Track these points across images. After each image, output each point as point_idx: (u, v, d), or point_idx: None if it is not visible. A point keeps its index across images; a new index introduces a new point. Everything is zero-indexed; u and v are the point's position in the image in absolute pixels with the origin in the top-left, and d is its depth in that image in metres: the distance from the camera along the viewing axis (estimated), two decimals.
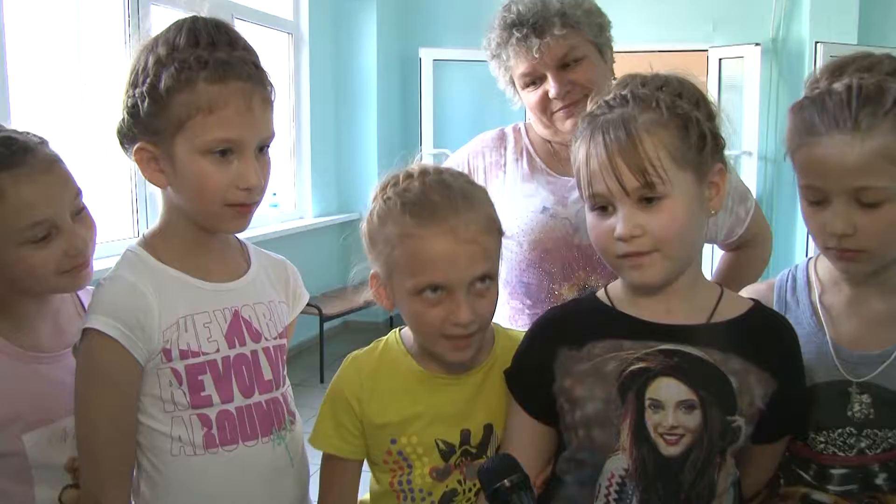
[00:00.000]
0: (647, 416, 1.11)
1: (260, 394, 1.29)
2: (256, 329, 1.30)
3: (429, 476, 1.27)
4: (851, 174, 1.09)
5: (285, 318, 1.38)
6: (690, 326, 1.15)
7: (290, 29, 5.60)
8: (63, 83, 3.70)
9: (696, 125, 1.12)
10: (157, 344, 1.20)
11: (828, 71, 1.16)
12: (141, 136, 1.20)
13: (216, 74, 1.15)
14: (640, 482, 1.11)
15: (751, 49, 5.67)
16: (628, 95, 1.13)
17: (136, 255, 1.25)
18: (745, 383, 1.12)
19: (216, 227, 1.26)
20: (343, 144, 6.15)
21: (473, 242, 1.17)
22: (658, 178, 1.08)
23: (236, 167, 1.18)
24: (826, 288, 1.27)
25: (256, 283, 1.33)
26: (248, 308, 1.30)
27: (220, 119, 1.16)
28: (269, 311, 1.33)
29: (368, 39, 6.03)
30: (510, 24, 1.61)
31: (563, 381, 1.17)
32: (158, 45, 1.19)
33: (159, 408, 1.23)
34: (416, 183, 1.21)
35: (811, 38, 5.48)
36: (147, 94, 1.17)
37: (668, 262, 1.12)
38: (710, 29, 5.85)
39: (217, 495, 1.25)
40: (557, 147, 1.72)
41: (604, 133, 1.11)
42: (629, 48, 5.47)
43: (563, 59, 1.60)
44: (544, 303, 1.65)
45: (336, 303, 5.29)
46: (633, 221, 1.10)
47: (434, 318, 1.18)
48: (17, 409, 1.30)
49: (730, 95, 5.81)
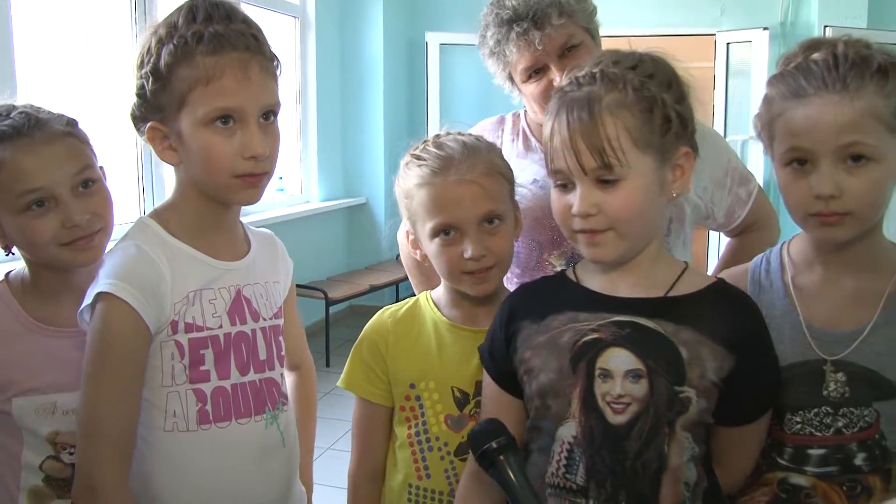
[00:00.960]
0: (597, 385, 1.14)
1: (255, 372, 1.31)
2: (255, 308, 1.32)
3: (444, 423, 1.35)
4: (841, 131, 1.11)
5: (280, 298, 1.40)
6: (646, 299, 1.17)
7: (296, 13, 5.59)
8: (71, 67, 3.71)
9: (662, 108, 1.14)
10: (167, 315, 1.22)
11: (803, 46, 1.19)
12: (150, 116, 1.22)
13: (211, 46, 1.17)
14: (587, 449, 1.14)
15: (759, 33, 5.64)
16: (597, 74, 1.15)
17: (148, 226, 1.27)
18: (696, 355, 1.13)
19: (227, 199, 1.27)
20: (349, 129, 6.15)
21: (475, 184, 1.31)
22: (616, 160, 1.11)
23: (240, 136, 1.20)
24: (799, 269, 1.27)
25: (256, 264, 1.36)
26: (248, 287, 1.32)
27: (217, 88, 1.17)
28: (266, 292, 1.36)
29: (375, 24, 6.02)
30: (508, 20, 1.63)
31: (523, 353, 1.21)
32: (160, 26, 1.22)
33: (157, 381, 1.23)
34: (430, 143, 1.37)
35: (820, 22, 5.44)
36: (151, 74, 1.19)
37: (621, 241, 1.15)
38: (717, 13, 5.82)
39: (206, 471, 1.27)
40: None
41: (568, 112, 1.14)
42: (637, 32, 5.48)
43: (563, 47, 1.64)
44: (533, 271, 1.70)
45: (342, 287, 5.32)
46: (589, 200, 1.13)
47: (452, 255, 1.32)
48: (10, 375, 1.34)
49: (737, 80, 5.78)
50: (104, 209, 1.39)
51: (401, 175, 1.39)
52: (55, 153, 1.34)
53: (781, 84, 1.17)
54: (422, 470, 1.36)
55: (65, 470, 1.38)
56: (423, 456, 1.36)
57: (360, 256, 6.03)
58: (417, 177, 1.34)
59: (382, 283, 5.52)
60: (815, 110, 1.12)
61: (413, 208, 1.35)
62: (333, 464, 3.31)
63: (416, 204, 1.34)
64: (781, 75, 1.18)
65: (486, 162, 1.34)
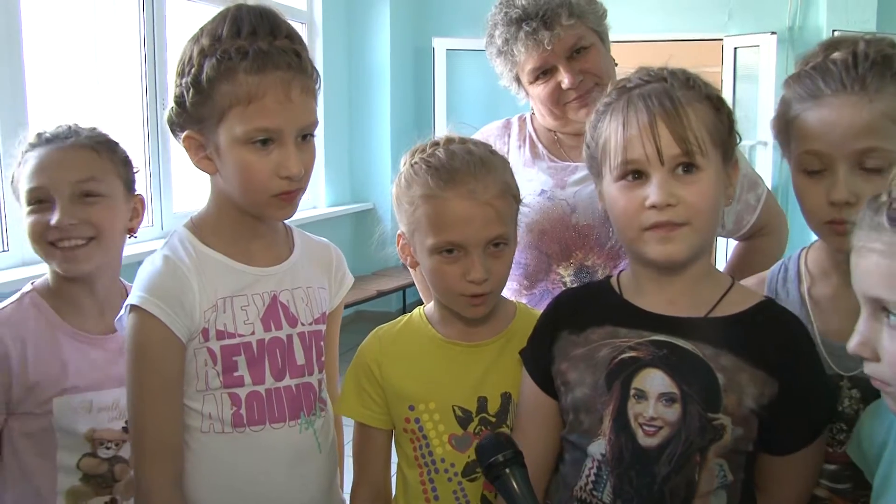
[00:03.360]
0: (630, 405, 1.12)
1: (291, 378, 1.31)
2: (293, 314, 1.32)
3: (448, 444, 1.31)
4: (858, 135, 1.07)
5: (324, 304, 1.40)
6: (687, 319, 1.14)
7: (303, 19, 5.60)
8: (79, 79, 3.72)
9: (726, 108, 1.14)
10: (198, 323, 1.24)
11: (824, 45, 1.16)
12: (188, 125, 1.23)
13: (255, 65, 1.17)
14: (615, 468, 1.12)
15: (766, 38, 5.62)
16: (665, 73, 1.14)
17: (181, 236, 1.29)
18: (734, 381, 1.09)
19: (262, 214, 1.28)
20: (356, 134, 6.16)
21: (489, 205, 1.24)
22: (698, 149, 1.08)
23: (276, 156, 1.20)
24: (815, 279, 1.24)
25: (297, 268, 1.36)
26: (286, 293, 1.32)
27: (258, 109, 1.18)
28: (307, 296, 1.35)
29: (382, 30, 6.03)
30: (517, 20, 1.61)
31: (560, 363, 1.20)
32: (203, 35, 1.21)
33: (193, 386, 1.26)
34: (441, 150, 1.29)
35: (828, 26, 5.42)
36: (191, 85, 1.19)
37: (696, 236, 1.10)
38: (725, 17, 5.80)
39: (241, 473, 1.28)
40: (561, 136, 1.74)
41: (646, 99, 1.10)
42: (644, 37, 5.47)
43: (573, 48, 1.62)
44: (542, 282, 1.67)
45: (349, 292, 5.29)
46: (668, 190, 1.08)
47: (451, 275, 1.25)
48: (50, 375, 1.42)
49: (745, 85, 5.76)
50: (100, 221, 1.45)
51: (404, 177, 1.31)
52: (66, 158, 1.44)
53: (798, 85, 1.14)
54: (430, 493, 1.33)
55: (101, 465, 1.46)
56: (431, 478, 1.33)
57: (367, 262, 6.02)
58: (425, 186, 1.26)
59: (389, 289, 5.51)
60: (830, 112, 1.09)
61: (416, 218, 1.27)
62: None
63: (420, 215, 1.26)
64: (798, 76, 1.15)
65: (501, 183, 1.27)
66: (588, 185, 1.60)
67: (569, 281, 1.65)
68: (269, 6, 1.24)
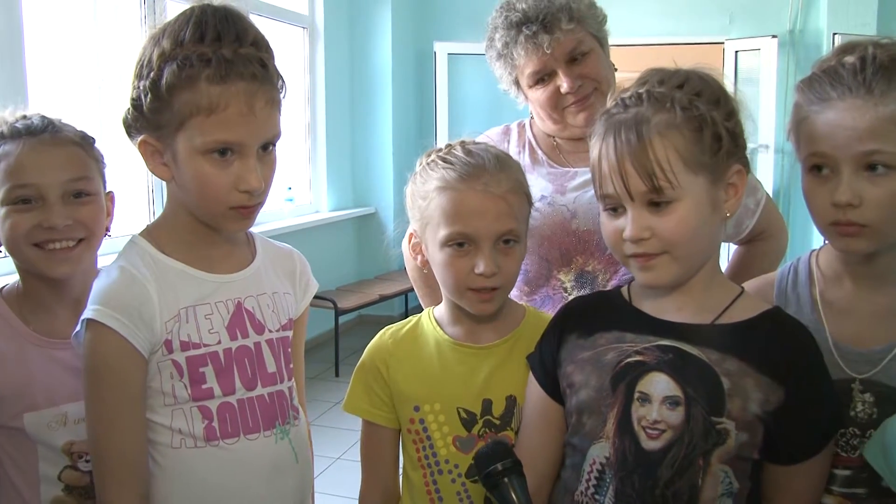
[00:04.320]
0: (634, 408, 1.12)
1: (263, 386, 1.27)
2: (259, 321, 1.29)
3: (452, 446, 1.31)
4: (862, 138, 1.08)
5: (291, 310, 1.36)
6: (694, 325, 1.15)
7: (305, 23, 5.61)
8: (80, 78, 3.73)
9: (712, 126, 1.10)
10: (159, 335, 1.19)
11: (839, 49, 1.16)
12: (144, 129, 1.19)
13: (218, 73, 1.12)
14: (618, 472, 1.12)
15: (767, 41, 5.62)
16: (644, 94, 1.12)
17: (137, 245, 1.25)
18: (739, 386, 1.09)
19: (218, 226, 1.24)
20: (358, 138, 6.16)
21: (502, 199, 1.26)
22: (666, 183, 1.08)
23: (236, 168, 1.16)
24: (828, 282, 1.24)
25: (260, 274, 1.32)
26: (251, 299, 1.29)
27: (219, 120, 1.13)
28: (273, 302, 1.32)
29: (383, 34, 6.03)
30: (517, 23, 1.61)
31: (566, 366, 1.20)
32: (164, 36, 1.16)
33: (160, 401, 1.21)
34: (458, 148, 1.32)
35: (829, 29, 5.42)
36: (150, 89, 1.15)
37: (676, 264, 1.12)
38: (726, 21, 5.80)
39: (217, 488, 1.24)
40: (561, 141, 1.74)
41: (615, 134, 1.11)
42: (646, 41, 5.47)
43: (572, 53, 1.62)
44: (543, 288, 1.67)
45: (351, 297, 5.31)
46: (640, 224, 1.10)
47: (461, 268, 1.27)
48: (20, 389, 1.34)
49: (746, 88, 5.76)
50: (92, 221, 1.39)
51: (419, 174, 1.33)
52: (55, 156, 1.36)
53: (808, 89, 1.15)
54: (433, 493, 1.33)
55: (83, 478, 1.39)
56: (434, 479, 1.33)
57: (370, 266, 6.03)
58: (441, 179, 1.28)
59: (392, 293, 5.51)
60: (836, 115, 1.10)
61: (428, 212, 1.29)
62: (343, 474, 3.30)
63: (434, 207, 1.28)
64: (810, 80, 1.16)
65: (515, 180, 1.29)
66: (588, 190, 1.60)
67: (569, 287, 1.65)
68: (235, 7, 1.18)
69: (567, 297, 1.65)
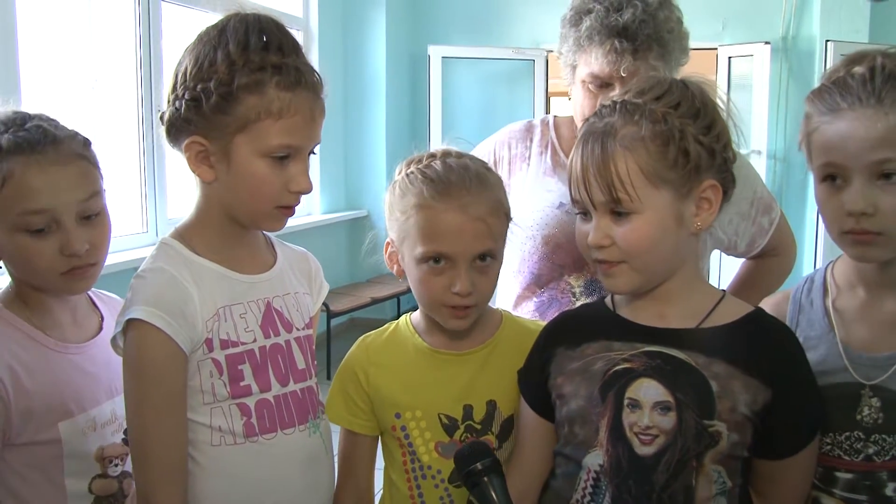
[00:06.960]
0: (625, 415, 1.13)
1: (295, 382, 1.31)
2: (287, 319, 1.32)
3: (434, 451, 1.32)
4: (875, 147, 1.09)
5: (311, 309, 1.40)
6: (679, 330, 1.16)
7: (299, 26, 5.60)
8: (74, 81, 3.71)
9: (680, 141, 1.12)
10: (200, 333, 1.21)
11: (847, 59, 1.17)
12: (195, 129, 1.20)
13: (288, 81, 1.19)
14: (613, 479, 1.13)
15: (760, 47, 5.65)
16: (618, 105, 1.15)
17: (171, 246, 1.26)
18: (728, 388, 1.11)
19: (258, 225, 1.29)
20: (352, 142, 6.16)
21: (481, 220, 1.25)
22: (625, 195, 1.11)
23: (291, 171, 1.22)
24: (842, 291, 1.25)
25: (284, 275, 1.35)
26: (278, 299, 1.32)
27: (287, 126, 1.19)
28: (297, 302, 1.35)
29: (377, 37, 6.04)
30: (613, 28, 1.55)
31: (555, 378, 1.21)
32: (228, 41, 1.18)
33: (199, 400, 1.23)
34: (438, 162, 1.30)
35: (821, 36, 5.46)
36: (215, 90, 1.17)
37: (635, 274, 1.15)
38: (719, 27, 5.83)
39: (257, 483, 1.26)
40: None
41: (584, 143, 1.15)
42: None
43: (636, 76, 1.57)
44: (552, 290, 1.68)
45: (343, 300, 5.31)
46: (602, 231, 1.14)
47: (436, 286, 1.26)
48: (53, 399, 1.31)
49: (739, 94, 5.79)
50: (102, 242, 1.36)
51: (398, 185, 1.32)
52: (66, 176, 1.30)
53: (818, 100, 1.16)
54: (416, 498, 1.34)
55: (112, 485, 1.38)
56: (418, 484, 1.34)
57: (362, 269, 6.02)
58: (419, 196, 1.26)
59: (384, 296, 5.52)
60: (847, 125, 1.10)
61: (406, 227, 1.28)
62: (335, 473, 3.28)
63: (411, 224, 1.27)
64: (819, 91, 1.16)
65: (494, 200, 1.28)
66: None
67: (578, 292, 1.66)
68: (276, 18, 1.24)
69: (575, 301, 1.65)
